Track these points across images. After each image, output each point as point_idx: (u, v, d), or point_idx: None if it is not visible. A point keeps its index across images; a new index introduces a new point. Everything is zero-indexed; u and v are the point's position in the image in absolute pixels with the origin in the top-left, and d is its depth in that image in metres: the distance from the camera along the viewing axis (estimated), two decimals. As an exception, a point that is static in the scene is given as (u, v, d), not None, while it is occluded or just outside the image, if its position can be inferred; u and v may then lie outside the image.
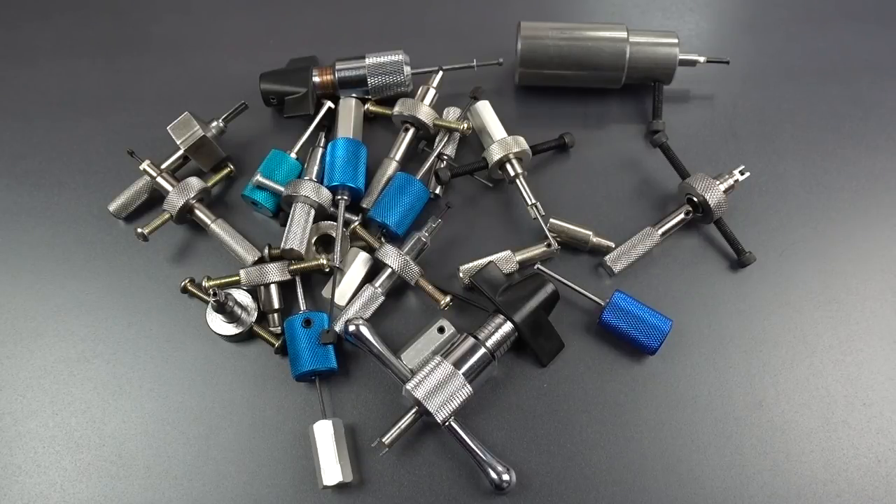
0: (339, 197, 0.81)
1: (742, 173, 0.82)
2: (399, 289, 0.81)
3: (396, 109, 0.86)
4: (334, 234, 0.80)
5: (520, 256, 0.81)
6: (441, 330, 0.78)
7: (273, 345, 0.77)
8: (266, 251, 0.81)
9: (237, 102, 0.86)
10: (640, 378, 0.77)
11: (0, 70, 0.96)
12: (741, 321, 0.80)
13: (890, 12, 1.01)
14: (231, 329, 0.77)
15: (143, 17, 1.01)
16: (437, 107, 0.87)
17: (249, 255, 0.80)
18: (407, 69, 0.88)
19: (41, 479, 0.74)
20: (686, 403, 0.76)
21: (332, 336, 0.74)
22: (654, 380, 0.77)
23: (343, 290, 0.79)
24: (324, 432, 0.71)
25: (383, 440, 0.70)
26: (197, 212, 0.82)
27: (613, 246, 0.81)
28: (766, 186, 0.87)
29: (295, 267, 0.79)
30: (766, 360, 0.78)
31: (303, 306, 0.78)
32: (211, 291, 0.74)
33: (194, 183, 0.81)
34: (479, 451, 0.70)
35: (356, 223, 0.81)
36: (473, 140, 0.89)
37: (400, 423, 0.71)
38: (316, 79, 0.88)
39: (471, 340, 0.73)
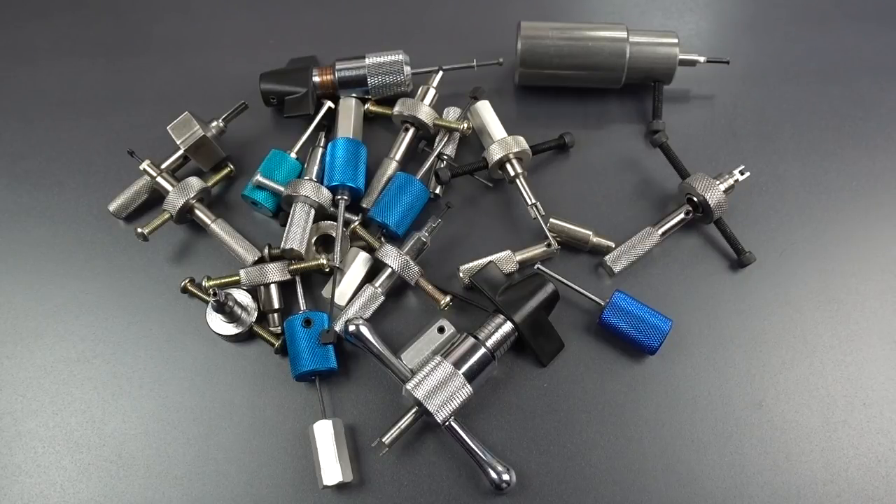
0: (339, 197, 0.81)
1: (742, 173, 0.82)
2: (399, 289, 0.81)
3: (396, 109, 0.86)
4: (334, 234, 0.80)
5: (520, 256, 0.81)
6: (441, 330, 0.78)
7: (273, 345, 0.77)
8: (266, 251, 0.81)
9: (237, 102, 0.86)
10: (640, 378, 0.77)
11: (0, 70, 0.96)
12: (741, 321, 0.80)
13: (890, 12, 1.01)
14: (231, 329, 0.77)
15: (143, 17, 1.01)
16: (437, 107, 0.87)
17: (249, 255, 0.80)
18: (407, 69, 0.88)
19: (41, 479, 0.74)
20: (686, 403, 0.76)
21: (332, 336, 0.74)
22: (654, 380, 0.77)
23: (343, 290, 0.79)
24: (324, 432, 0.71)
25: (383, 440, 0.70)
26: (197, 212, 0.82)
27: (613, 246, 0.81)
28: (766, 186, 0.87)
29: (295, 267, 0.79)
30: (766, 360, 0.78)
31: (303, 306, 0.78)
32: (211, 291, 0.74)
33: (194, 183, 0.81)
34: (479, 451, 0.70)
35: (356, 223, 0.81)
36: (473, 140, 0.89)
37: (400, 423, 0.71)
38: (316, 79, 0.88)
39: (471, 340, 0.73)
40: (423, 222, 0.80)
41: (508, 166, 0.83)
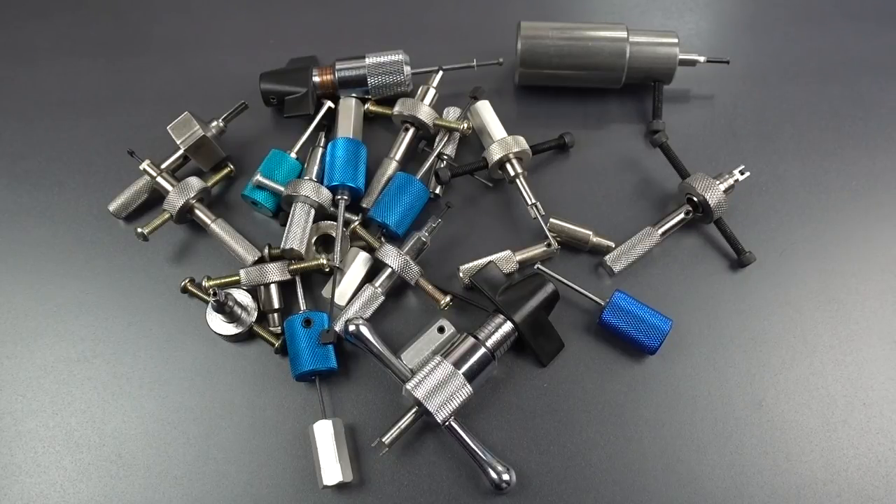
0: (339, 197, 0.81)
1: (742, 173, 0.82)
2: (399, 289, 0.81)
3: (396, 109, 0.86)
4: (334, 234, 0.80)
5: (520, 256, 0.81)
6: (441, 330, 0.78)
7: (273, 345, 0.77)
8: (266, 251, 0.81)
9: (237, 102, 0.86)
10: (640, 378, 0.77)
11: (0, 70, 0.96)
12: (741, 321, 0.80)
13: (890, 12, 1.01)
14: (231, 329, 0.77)
15: (143, 17, 1.01)
16: (437, 107, 0.87)
17: (249, 254, 0.80)
18: (407, 69, 0.88)
19: (41, 479, 0.74)
20: (686, 403, 0.76)
21: (332, 336, 0.74)
22: (654, 380, 0.77)
23: (343, 290, 0.79)
24: (324, 432, 0.71)
25: (383, 440, 0.70)
26: (197, 212, 0.82)
27: (613, 246, 0.82)
28: (766, 186, 0.87)
29: (295, 267, 0.79)
30: (766, 360, 0.78)
31: (303, 306, 0.78)
32: (211, 291, 0.74)
33: (194, 183, 0.81)
34: (479, 451, 0.70)
35: (356, 223, 0.81)
36: (473, 140, 0.89)
37: (400, 423, 0.71)
38: (316, 79, 0.88)
39: (471, 340, 0.73)
40: (423, 222, 0.80)
41: (508, 166, 0.83)
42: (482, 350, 0.73)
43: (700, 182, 0.80)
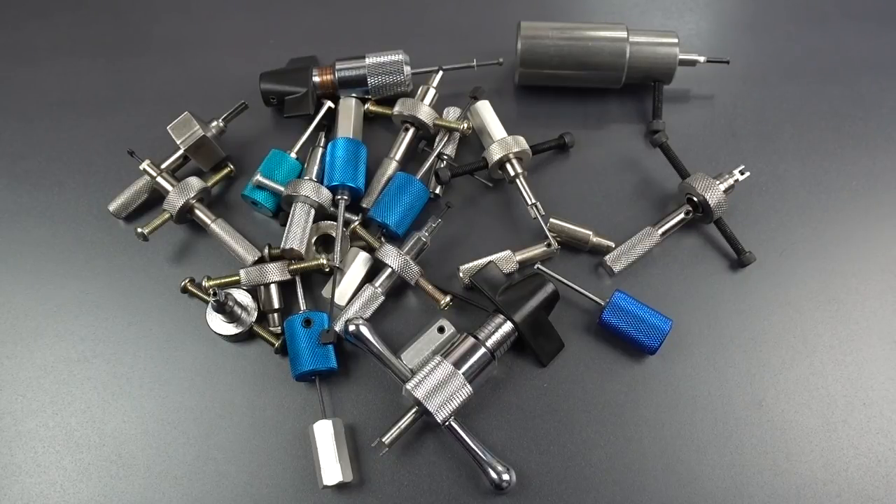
0: (339, 197, 0.81)
1: (742, 173, 0.82)
2: (399, 289, 0.81)
3: (396, 109, 0.86)
4: (334, 234, 0.80)
5: (520, 256, 0.81)
6: (441, 330, 0.78)
7: (273, 345, 0.77)
8: (266, 251, 0.81)
9: (237, 102, 0.86)
10: (640, 378, 0.77)
11: (0, 70, 0.96)
12: (741, 321, 0.80)
13: (890, 12, 1.01)
14: (231, 329, 0.77)
15: (143, 17, 1.01)
16: (437, 107, 0.87)
17: (249, 254, 0.80)
18: (407, 69, 0.88)
19: (41, 479, 0.74)
20: (686, 403, 0.76)
21: (332, 336, 0.74)
22: (654, 380, 0.77)
23: (343, 290, 0.79)
24: (324, 432, 0.71)
25: (383, 440, 0.70)
26: (197, 212, 0.82)
27: (613, 246, 0.82)
28: (766, 186, 0.87)
29: (295, 267, 0.79)
30: (766, 360, 0.78)
31: (303, 306, 0.78)
32: (211, 291, 0.74)
33: (194, 183, 0.81)
34: (479, 451, 0.70)
35: (356, 223, 0.81)
36: (473, 140, 0.89)
37: (400, 423, 0.71)
38: (316, 79, 0.88)
39: (471, 340, 0.73)
40: (423, 222, 0.80)
41: (508, 166, 0.83)
42: (482, 350, 0.73)
43: (700, 182, 0.80)
